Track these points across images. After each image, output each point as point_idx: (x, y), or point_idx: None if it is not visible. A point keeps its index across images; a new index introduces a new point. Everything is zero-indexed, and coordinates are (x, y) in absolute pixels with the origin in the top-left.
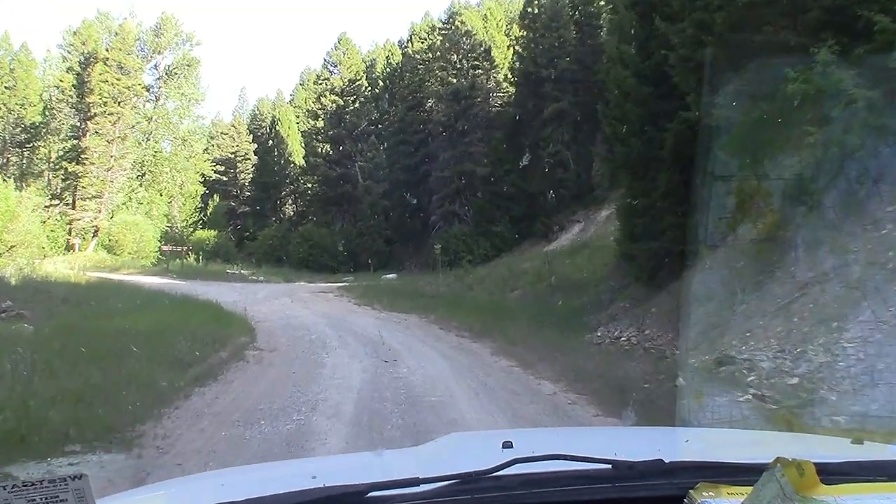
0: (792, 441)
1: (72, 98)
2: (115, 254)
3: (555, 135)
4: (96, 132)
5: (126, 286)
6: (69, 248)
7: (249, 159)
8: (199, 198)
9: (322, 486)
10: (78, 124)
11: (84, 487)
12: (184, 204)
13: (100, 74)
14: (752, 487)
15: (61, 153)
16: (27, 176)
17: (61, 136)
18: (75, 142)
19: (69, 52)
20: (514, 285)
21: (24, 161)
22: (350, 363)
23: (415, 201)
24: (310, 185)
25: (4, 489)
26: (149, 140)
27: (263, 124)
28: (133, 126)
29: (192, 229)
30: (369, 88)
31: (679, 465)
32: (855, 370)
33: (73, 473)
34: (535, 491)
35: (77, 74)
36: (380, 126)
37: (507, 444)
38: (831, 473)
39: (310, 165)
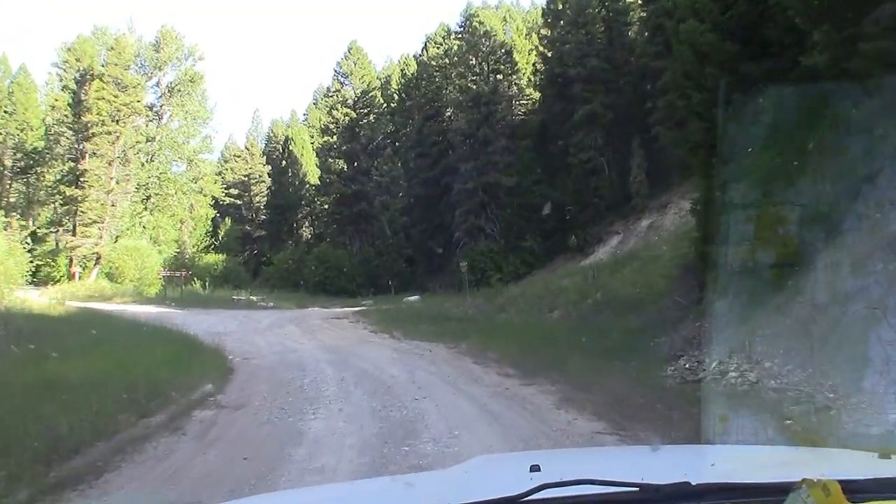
0: (817, 459)
1: (67, 118)
2: (116, 282)
3: (586, 140)
4: (94, 153)
5: (105, 318)
6: (70, 276)
7: (264, 182)
8: (209, 221)
9: None
10: (76, 145)
11: None
12: (194, 228)
13: (96, 91)
14: None
15: (59, 177)
16: (33, 204)
17: (60, 160)
18: (73, 164)
19: (64, 70)
20: (552, 305)
21: (30, 189)
22: (344, 434)
23: (436, 217)
24: (325, 205)
25: None
26: (152, 161)
27: (277, 146)
28: (133, 146)
29: (202, 254)
30: (384, 104)
31: (705, 487)
32: (879, 388)
33: None
34: None
35: (73, 93)
36: (396, 140)
37: (535, 468)
38: (857, 491)
39: (324, 184)
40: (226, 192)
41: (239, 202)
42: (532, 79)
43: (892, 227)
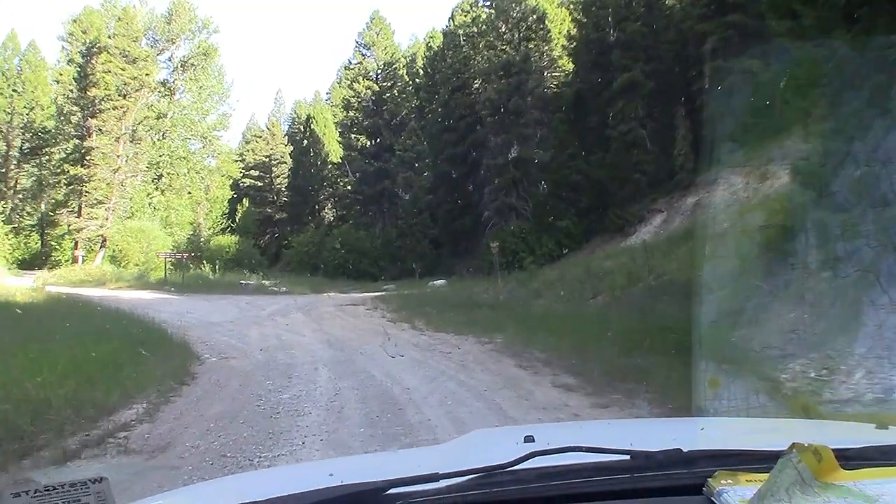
0: (811, 428)
1: (73, 93)
2: (121, 266)
3: (626, 111)
4: (101, 130)
5: (78, 306)
6: (74, 260)
7: (285, 163)
8: (226, 203)
9: (340, 483)
10: (81, 122)
11: (105, 490)
12: (210, 210)
13: (102, 64)
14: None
15: (63, 155)
16: (44, 186)
17: (66, 138)
18: (78, 141)
19: (70, 43)
20: (596, 289)
21: (41, 170)
22: None
23: (463, 195)
24: (346, 184)
25: (27, 494)
26: (164, 139)
27: (299, 127)
28: (141, 122)
29: (217, 237)
30: (409, 81)
31: (697, 454)
32: (872, 354)
33: (93, 476)
34: (554, 483)
35: (79, 67)
36: (422, 116)
37: (529, 439)
38: (852, 459)
39: (345, 161)
40: (246, 173)
41: (260, 184)
42: (566, 45)
43: None
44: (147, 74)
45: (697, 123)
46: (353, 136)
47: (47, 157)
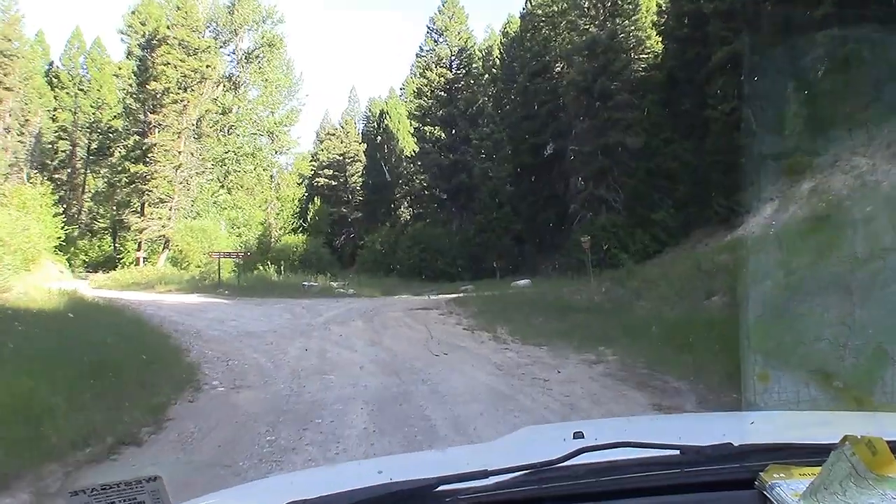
0: (864, 420)
1: (132, 87)
2: (181, 268)
3: (726, 88)
4: (161, 125)
5: (107, 312)
6: (137, 262)
7: (360, 161)
8: (297, 202)
9: (390, 480)
10: (141, 117)
11: (160, 489)
12: (281, 209)
13: (161, 56)
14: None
15: (123, 152)
16: (113, 187)
17: (127, 135)
18: (139, 138)
19: (129, 36)
20: (710, 289)
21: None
22: None
23: (547, 187)
24: (422, 181)
25: (85, 493)
26: (229, 134)
27: (374, 124)
28: (203, 116)
29: (285, 236)
30: (484, 72)
31: (748, 448)
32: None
33: (148, 475)
34: (604, 479)
35: (138, 60)
36: (499, 105)
37: (578, 435)
38: None
39: (419, 154)
40: (320, 172)
41: (334, 183)
42: (656, 21)
43: None
44: (208, 66)
45: (811, 100)
46: (427, 127)
47: (114, 157)
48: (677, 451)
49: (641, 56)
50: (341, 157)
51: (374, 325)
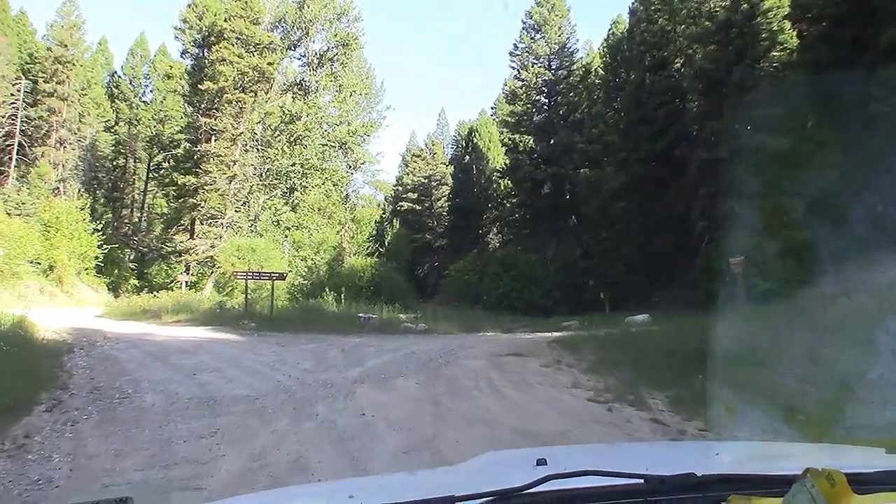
0: (823, 452)
1: (183, 88)
2: (224, 293)
3: None
4: (213, 130)
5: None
6: (186, 285)
7: (446, 184)
8: (373, 224)
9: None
10: (192, 123)
11: None
12: (356, 232)
13: (216, 52)
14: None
15: (172, 163)
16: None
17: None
18: (189, 146)
19: (184, 33)
20: None
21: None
22: None
23: (663, 205)
24: (512, 202)
25: None
26: (295, 144)
27: (461, 144)
28: (263, 121)
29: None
30: (588, 73)
31: (711, 479)
32: (885, 380)
33: (120, 496)
34: None
35: (193, 58)
36: (609, 104)
37: (541, 462)
38: (864, 483)
39: (511, 168)
40: (404, 196)
41: (418, 207)
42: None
43: None
44: (270, 64)
45: None
46: (521, 136)
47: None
48: (641, 480)
49: (775, 54)
50: (427, 180)
51: (437, 390)
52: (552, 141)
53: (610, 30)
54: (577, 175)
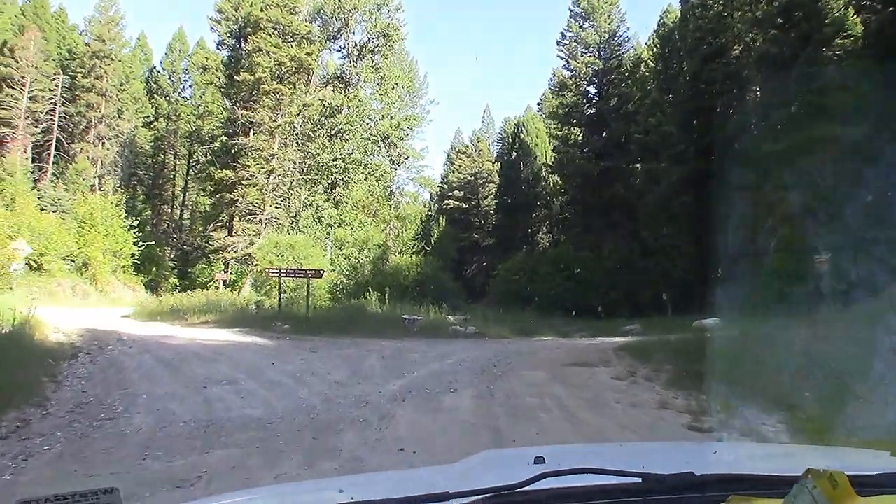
0: (825, 454)
1: (219, 80)
2: (262, 292)
3: None
4: (250, 122)
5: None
6: (225, 284)
7: (493, 182)
8: (418, 222)
9: (350, 499)
10: (229, 117)
11: (115, 501)
12: (401, 230)
13: (253, 42)
14: (783, 500)
15: (208, 158)
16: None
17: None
18: (225, 139)
19: (220, 24)
20: None
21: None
22: None
23: (723, 200)
24: (562, 200)
25: (38, 503)
26: (336, 138)
27: (507, 141)
28: (302, 113)
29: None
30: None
31: (710, 478)
32: (887, 379)
33: (104, 487)
34: None
35: (229, 49)
36: (665, 94)
37: (539, 460)
38: (867, 485)
39: (561, 163)
40: (449, 194)
41: (465, 206)
42: None
43: None
44: (308, 54)
45: None
46: (571, 129)
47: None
48: (639, 479)
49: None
50: (473, 178)
51: (495, 412)
52: (604, 133)
53: (660, 19)
54: (632, 169)
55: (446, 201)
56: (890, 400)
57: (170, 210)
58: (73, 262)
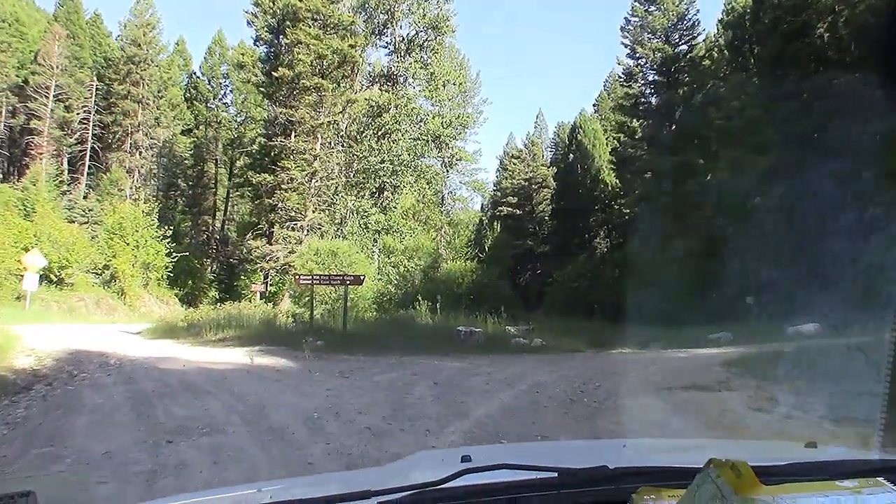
0: (734, 446)
1: (258, 77)
2: (298, 304)
3: None
4: (290, 121)
5: None
6: (262, 295)
7: (548, 187)
8: (470, 228)
9: (269, 500)
10: (267, 117)
11: None
12: (453, 236)
13: (292, 35)
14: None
15: (247, 162)
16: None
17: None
18: (263, 141)
19: (257, 18)
20: None
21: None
22: None
23: (810, 194)
24: (621, 195)
25: None
26: (384, 139)
27: (562, 143)
28: (346, 111)
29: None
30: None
31: (621, 471)
32: (804, 375)
33: (21, 490)
34: (484, 499)
35: (267, 44)
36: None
37: (466, 458)
38: (773, 475)
39: (625, 158)
40: (503, 200)
41: (518, 212)
42: None
43: None
44: (352, 47)
45: None
46: (637, 121)
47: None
48: (555, 474)
49: None
50: (527, 183)
51: None
52: (673, 126)
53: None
54: (705, 164)
55: (499, 208)
56: None
57: (211, 220)
58: (100, 275)
